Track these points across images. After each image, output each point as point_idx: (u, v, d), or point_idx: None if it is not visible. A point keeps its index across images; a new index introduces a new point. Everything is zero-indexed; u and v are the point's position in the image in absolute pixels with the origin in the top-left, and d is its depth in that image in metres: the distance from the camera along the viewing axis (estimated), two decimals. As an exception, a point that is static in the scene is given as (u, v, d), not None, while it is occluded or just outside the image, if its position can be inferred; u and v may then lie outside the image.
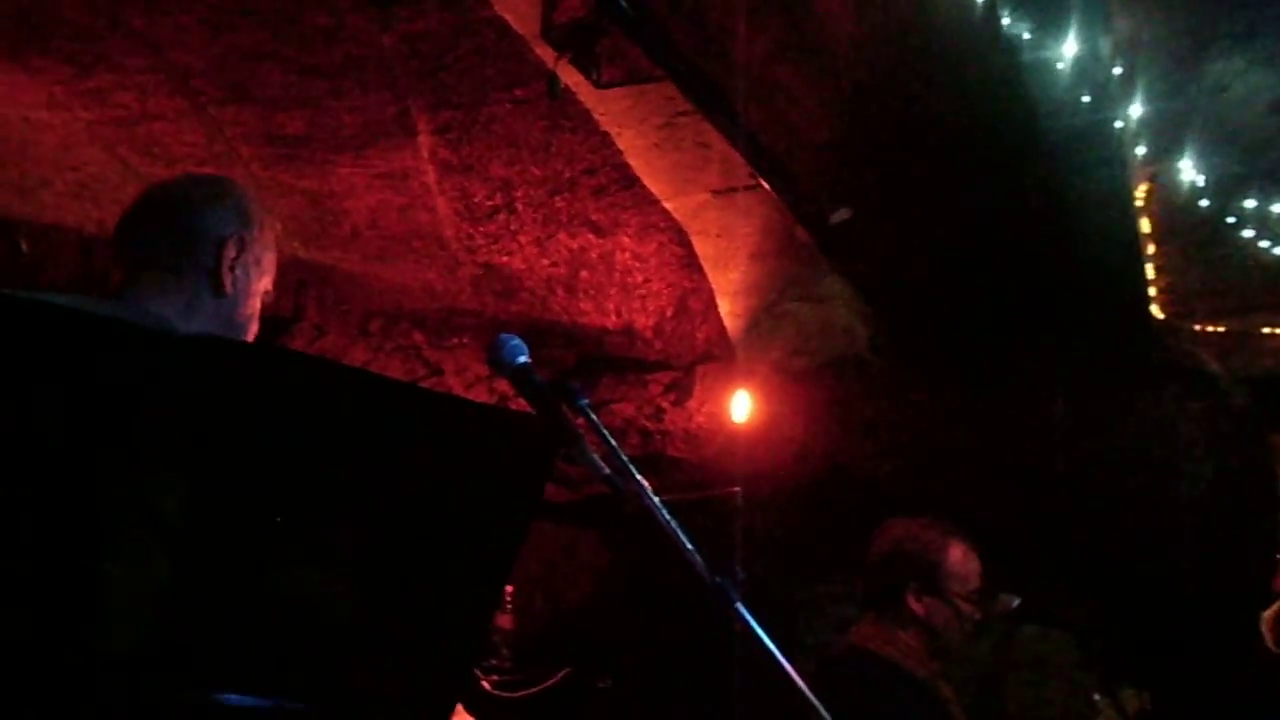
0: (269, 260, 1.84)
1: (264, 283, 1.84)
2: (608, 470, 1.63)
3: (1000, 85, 2.87)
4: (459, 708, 3.54)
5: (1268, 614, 4.73)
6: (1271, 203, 3.43)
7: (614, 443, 1.65)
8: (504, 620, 4.48)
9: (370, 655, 1.17)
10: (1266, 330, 4.05)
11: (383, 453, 1.05)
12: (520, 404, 1.68)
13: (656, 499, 1.63)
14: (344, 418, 1.02)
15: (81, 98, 3.70)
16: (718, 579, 1.59)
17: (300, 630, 1.12)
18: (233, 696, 1.13)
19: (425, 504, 1.08)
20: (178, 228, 1.73)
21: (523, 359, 1.74)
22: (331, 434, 1.03)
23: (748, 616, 1.57)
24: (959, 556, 2.80)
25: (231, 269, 1.74)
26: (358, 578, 1.12)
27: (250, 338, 1.84)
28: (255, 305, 1.82)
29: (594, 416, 1.67)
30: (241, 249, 1.75)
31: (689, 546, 1.60)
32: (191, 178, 1.90)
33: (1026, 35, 2.58)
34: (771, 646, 1.57)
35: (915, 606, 2.76)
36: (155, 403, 0.97)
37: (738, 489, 4.29)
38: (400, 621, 1.17)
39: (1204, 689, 4.08)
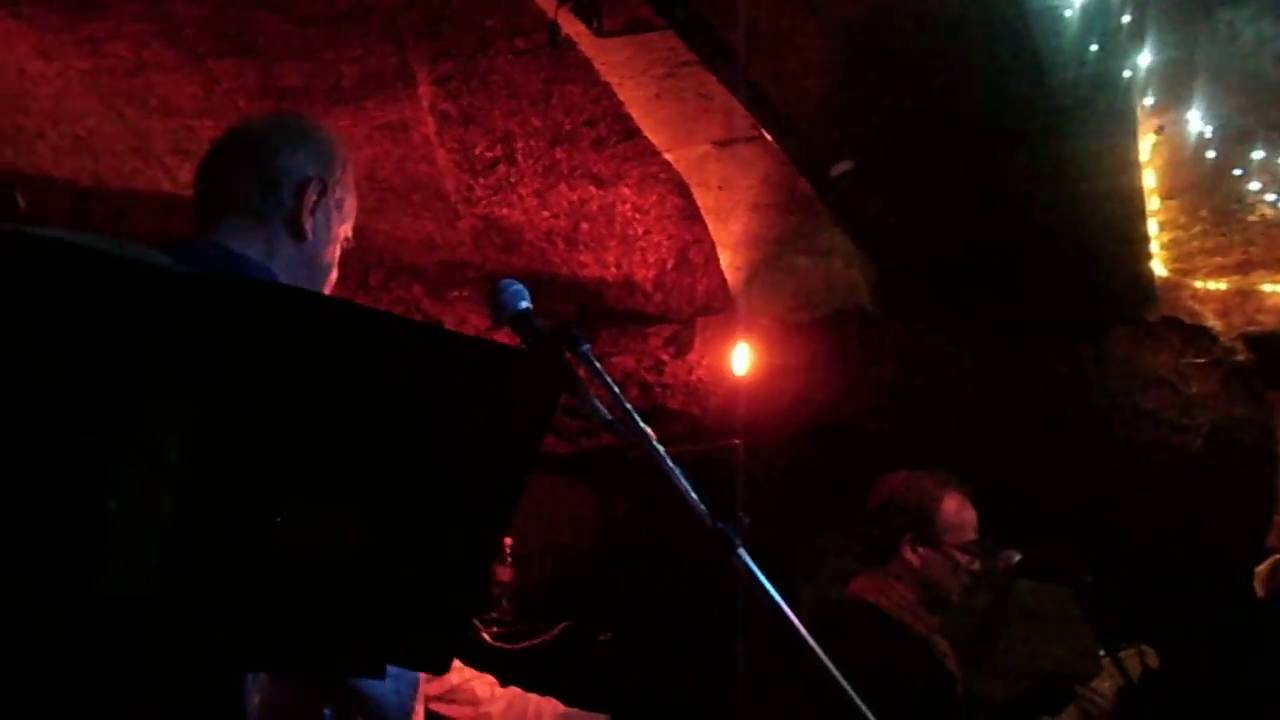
0: (350, 204, 1.81)
1: (345, 228, 1.80)
2: (610, 416, 1.63)
3: (1007, 33, 2.84)
4: (458, 662, 3.57)
5: (1261, 569, 4.77)
6: (1278, 155, 3.40)
7: (616, 389, 1.65)
8: (504, 573, 4.50)
9: (375, 596, 1.17)
10: (1267, 288, 4.03)
11: (388, 389, 1.04)
12: (522, 352, 1.68)
13: (659, 445, 1.63)
14: (349, 355, 1.01)
15: (75, 47, 3.66)
16: (719, 524, 1.60)
17: (305, 572, 1.12)
18: (237, 636, 1.14)
19: (430, 441, 1.07)
20: (258, 169, 1.69)
21: (524, 304, 1.74)
22: (337, 371, 1.02)
23: (749, 562, 1.58)
24: (954, 507, 2.80)
25: (312, 212, 1.70)
26: (362, 518, 1.12)
27: (330, 284, 1.82)
28: (336, 251, 1.79)
29: (596, 363, 1.67)
30: (323, 192, 1.72)
31: (691, 493, 1.61)
32: (277, 117, 1.87)
33: (1034, -18, 2.55)
34: (773, 591, 1.58)
35: (910, 558, 2.76)
36: (158, 340, 0.97)
37: (738, 441, 4.29)
38: (404, 562, 1.17)
39: (1199, 642, 4.11)
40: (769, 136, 3.54)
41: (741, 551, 1.57)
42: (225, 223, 1.66)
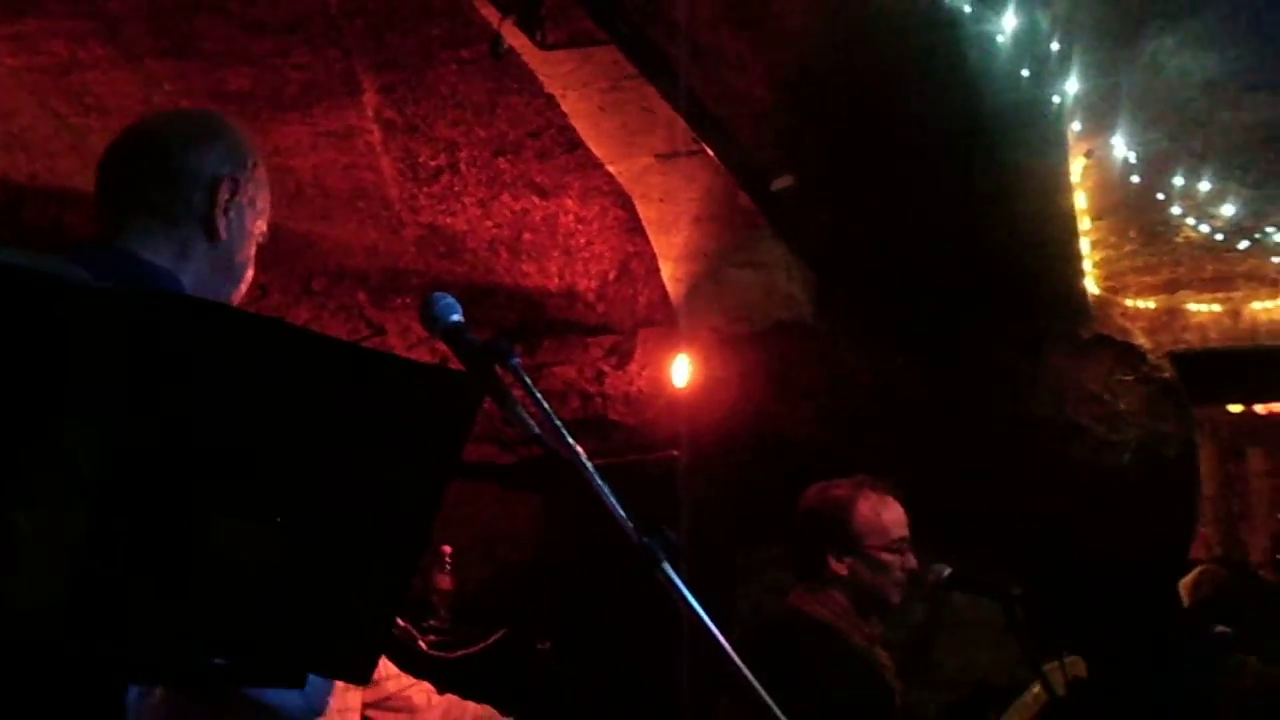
0: (264, 200, 1.75)
1: (260, 224, 1.74)
2: (537, 430, 1.64)
3: (943, 57, 2.90)
4: (394, 668, 3.56)
5: (1186, 580, 4.90)
6: (1199, 181, 3.51)
7: (545, 402, 1.66)
8: (442, 581, 4.49)
9: (296, 607, 1.18)
10: (1191, 307, 4.16)
11: (307, 404, 1.05)
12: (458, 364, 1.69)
13: (586, 459, 1.64)
14: (267, 369, 1.02)
15: (6, 43, 3.60)
16: (645, 539, 1.61)
17: (226, 584, 1.12)
18: (151, 651, 1.14)
19: (348, 454, 1.09)
20: (166, 170, 1.62)
21: (455, 317, 1.74)
22: (254, 385, 1.03)
23: (673, 577, 1.60)
24: (868, 510, 2.75)
25: (225, 212, 1.64)
26: (284, 530, 1.13)
27: (246, 283, 1.75)
28: (252, 248, 1.73)
29: (525, 376, 1.68)
30: (235, 190, 1.66)
31: (617, 508, 1.62)
32: (179, 114, 1.80)
33: (968, 8, 2.61)
34: (697, 606, 1.60)
35: (837, 568, 2.72)
36: (75, 355, 0.97)
37: (677, 453, 4.33)
38: (325, 573, 1.17)
39: (1124, 652, 4.21)
40: (710, 150, 3.59)
41: (666, 566, 1.58)
42: (133, 227, 1.59)
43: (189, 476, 1.07)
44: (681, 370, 4.25)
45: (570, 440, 1.63)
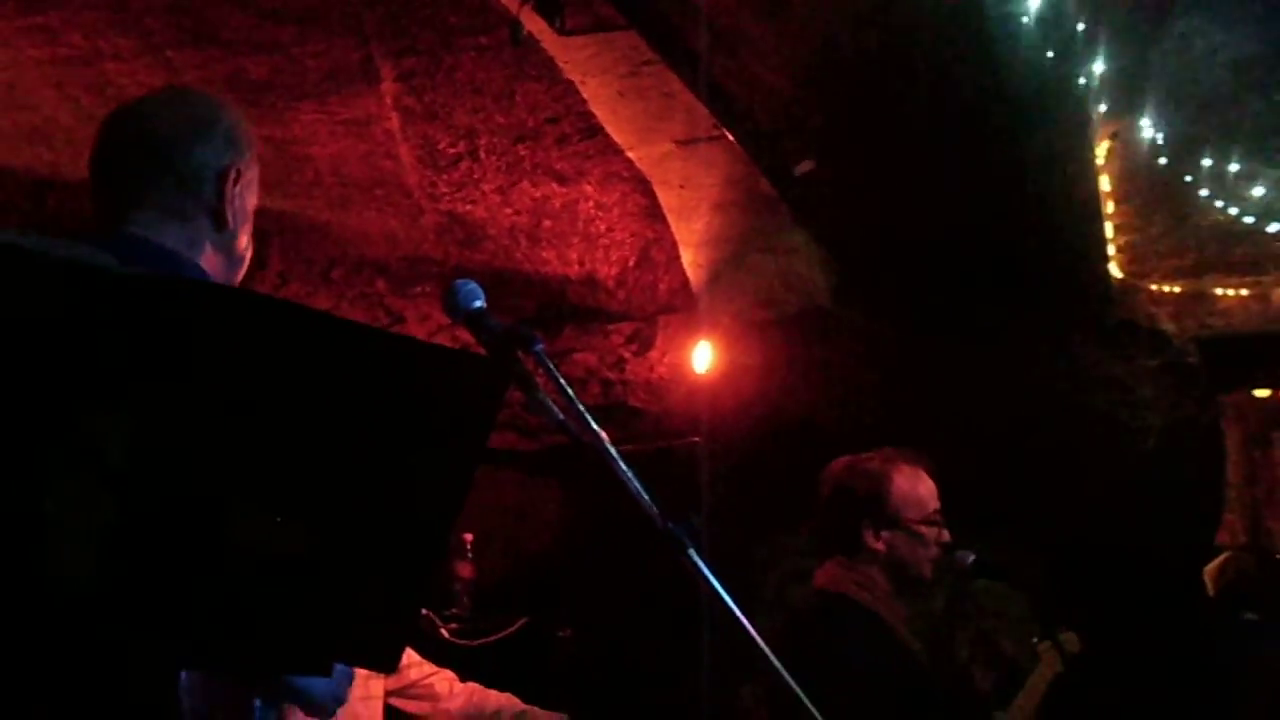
0: (255, 173, 1.73)
1: (254, 204, 1.74)
2: (561, 416, 1.63)
3: (966, 39, 2.87)
4: (416, 656, 3.57)
5: (1210, 567, 4.86)
6: (1227, 162, 3.46)
7: (569, 389, 1.65)
8: (464, 568, 4.50)
9: (321, 596, 1.18)
10: (1218, 291, 4.10)
11: (332, 392, 1.04)
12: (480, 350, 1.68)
13: (611, 446, 1.63)
14: (293, 357, 1.01)
15: (28, 34, 3.61)
16: (670, 525, 1.60)
17: (249, 572, 1.12)
18: (178, 640, 1.14)
19: (373, 442, 1.08)
20: (176, 170, 1.60)
21: (478, 303, 1.73)
22: (280, 374, 1.02)
23: (699, 562, 1.59)
24: (905, 482, 2.67)
25: (232, 202, 1.64)
26: (308, 519, 1.12)
27: (244, 266, 1.74)
28: (250, 232, 1.73)
29: (549, 363, 1.66)
30: (239, 179, 1.65)
31: (642, 494, 1.61)
32: (177, 101, 1.73)
33: (992, -12, 2.58)
34: (722, 592, 1.59)
35: (875, 544, 2.63)
36: (99, 342, 0.97)
37: (699, 439, 4.31)
38: (352, 561, 1.17)
39: (1147, 637, 4.18)
40: (730, 136, 3.57)
41: (691, 553, 1.57)
42: (144, 214, 1.57)
43: (215, 465, 1.07)
44: (702, 356, 4.23)
45: (595, 426, 1.62)
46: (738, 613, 1.61)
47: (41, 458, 0.97)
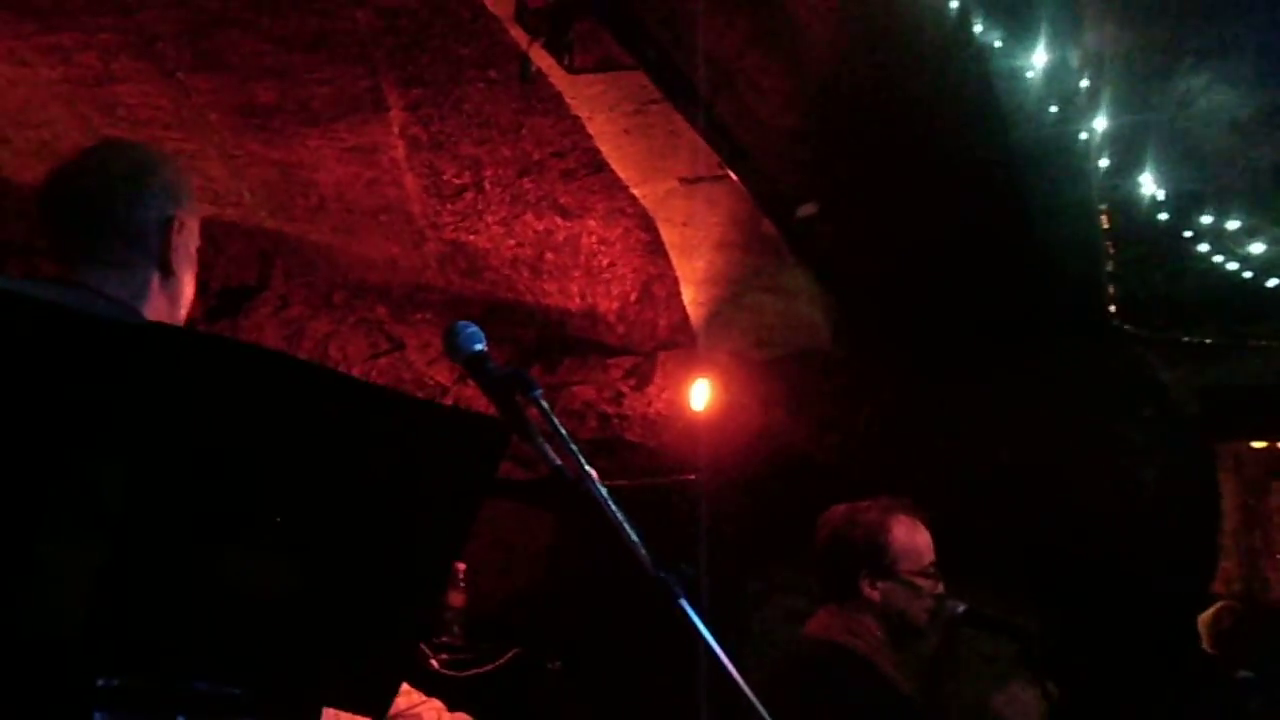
0: (197, 223, 1.79)
1: (196, 245, 1.78)
2: (559, 462, 1.64)
3: (971, 91, 2.90)
4: (405, 685, 3.55)
5: (1204, 616, 4.85)
6: (1227, 219, 3.49)
7: (565, 433, 1.65)
8: (455, 598, 4.48)
9: (313, 640, 1.18)
10: (1211, 342, 4.12)
11: (330, 445, 1.05)
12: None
13: (605, 491, 1.63)
14: (292, 411, 1.02)
15: (44, 55, 3.65)
16: (661, 573, 1.60)
17: (241, 616, 1.13)
18: (168, 680, 1.14)
19: (371, 496, 1.09)
20: (119, 226, 1.66)
21: (479, 346, 1.74)
22: (277, 426, 1.03)
23: (690, 612, 1.59)
24: (904, 533, 2.66)
25: (176, 250, 1.70)
26: (303, 565, 1.13)
27: (188, 306, 1.78)
28: (194, 272, 1.78)
29: (546, 407, 1.67)
30: (182, 227, 1.71)
31: (635, 540, 1.61)
32: (111, 154, 1.77)
33: (998, 43, 2.60)
34: (713, 643, 1.59)
35: (870, 593, 2.62)
36: (100, 389, 0.97)
37: (695, 476, 4.31)
38: (345, 608, 1.17)
39: (1140, 687, 4.17)
40: (734, 176, 3.59)
41: (683, 602, 1.57)
42: (92, 269, 1.63)
43: (211, 511, 1.07)
44: (700, 394, 4.24)
45: (590, 471, 1.63)
46: (727, 663, 1.60)
47: (38, 500, 0.98)
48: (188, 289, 1.76)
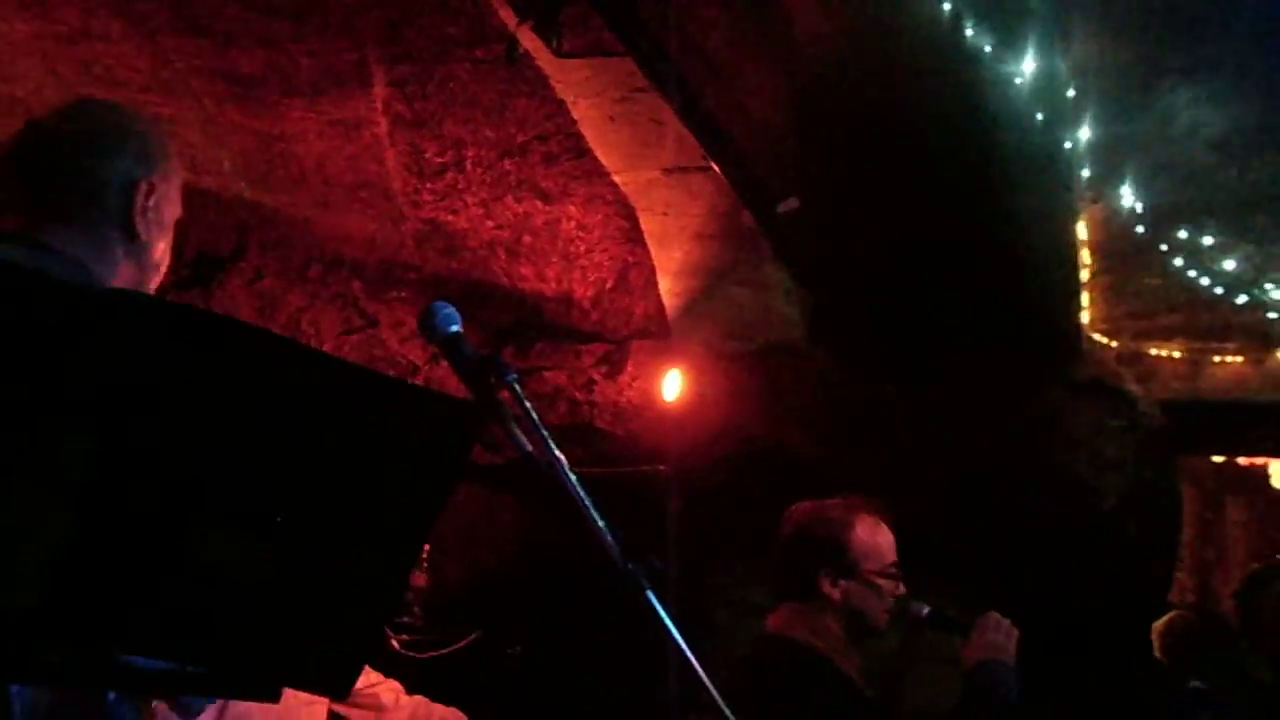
0: (177, 192, 1.75)
1: (174, 214, 1.74)
2: (530, 448, 1.63)
3: (958, 94, 2.90)
4: (365, 667, 3.54)
5: (1158, 624, 4.91)
6: (1203, 235, 3.52)
7: (539, 421, 1.64)
8: (418, 578, 4.46)
9: (277, 620, 1.17)
10: (1186, 356, 4.17)
11: (303, 422, 1.04)
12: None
13: (576, 480, 1.63)
14: (263, 385, 1.01)
15: (19, 8, 3.58)
16: (630, 565, 1.60)
17: (209, 592, 1.11)
18: (131, 657, 1.12)
19: (344, 475, 1.07)
20: (81, 179, 1.62)
21: (455, 328, 1.73)
22: (249, 400, 1.02)
23: (656, 605, 1.58)
24: (866, 533, 2.66)
25: (144, 214, 1.64)
26: (270, 543, 1.12)
27: (161, 273, 1.75)
28: (169, 241, 1.74)
29: (521, 393, 1.66)
30: (151, 192, 1.66)
31: (604, 530, 1.61)
32: (87, 112, 1.72)
33: (988, 48, 2.61)
34: (678, 637, 1.59)
35: (831, 592, 2.61)
36: (67, 357, 0.95)
37: (663, 467, 4.31)
38: (311, 588, 1.16)
39: (1096, 693, 4.22)
40: (717, 168, 3.58)
41: (650, 594, 1.57)
42: (54, 225, 1.58)
43: (178, 484, 1.06)
44: (672, 384, 4.23)
45: (562, 459, 1.62)
46: (690, 656, 1.61)
47: (2, 471, 0.96)
48: (158, 256, 1.71)
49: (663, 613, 1.58)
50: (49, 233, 1.59)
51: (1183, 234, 3.52)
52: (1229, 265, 3.72)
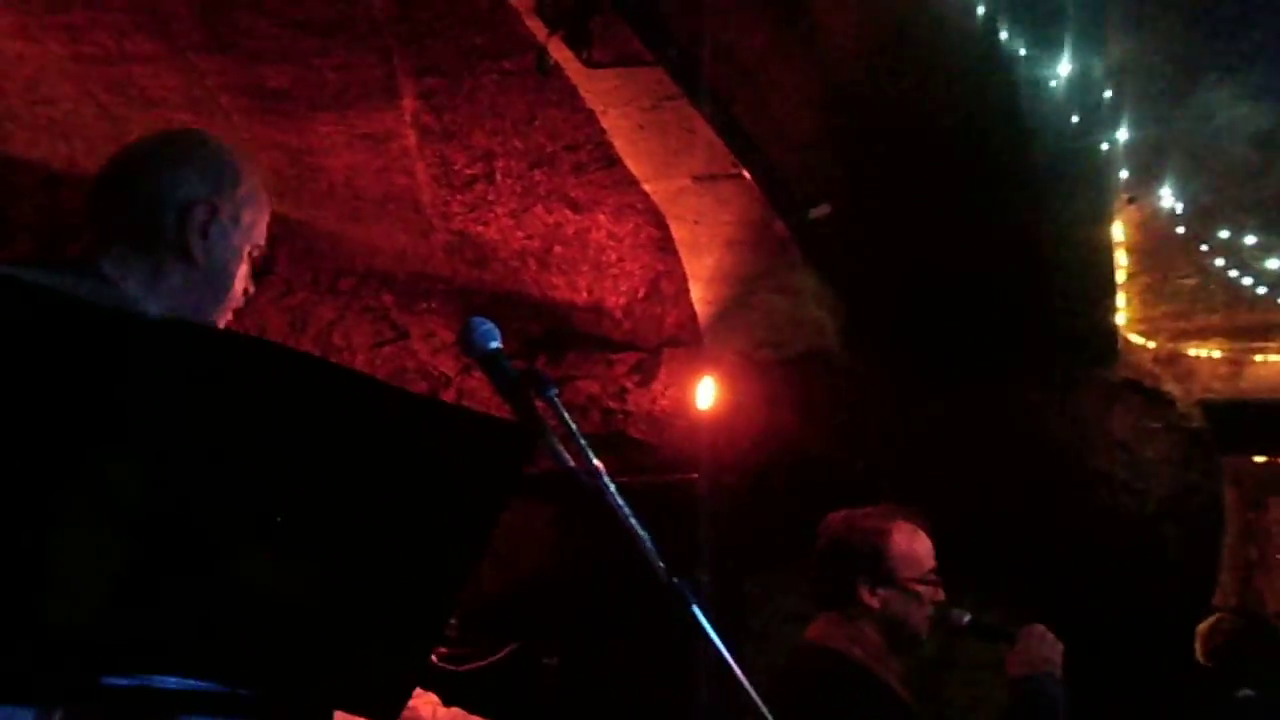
0: (252, 215, 1.70)
1: (250, 239, 1.70)
2: (572, 463, 1.62)
3: (993, 98, 2.87)
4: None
5: (1202, 627, 4.84)
6: (1244, 234, 3.47)
7: (579, 435, 1.63)
8: (454, 591, 4.45)
9: (327, 643, 1.16)
10: (1224, 356, 4.12)
11: (353, 449, 1.03)
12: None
13: (618, 494, 1.62)
14: (314, 413, 1.00)
15: (56, 32, 3.62)
16: (675, 579, 1.58)
17: (257, 617, 1.11)
18: (181, 680, 1.12)
19: (396, 501, 1.07)
20: (139, 197, 1.61)
21: (494, 344, 1.72)
22: (300, 426, 1.01)
23: (702, 620, 1.57)
24: (904, 540, 2.63)
25: (203, 235, 1.61)
26: (320, 567, 1.11)
27: (237, 301, 1.71)
28: (240, 268, 1.69)
29: (561, 407, 1.65)
30: (213, 213, 1.62)
31: (648, 545, 1.60)
32: (161, 137, 1.72)
33: (1023, 51, 2.58)
34: (724, 651, 1.57)
35: (870, 600, 2.59)
36: (119, 386, 0.95)
37: (696, 475, 4.29)
38: (361, 612, 1.16)
39: (1140, 697, 4.16)
40: (748, 175, 3.56)
41: (696, 609, 1.56)
42: (110, 253, 1.58)
43: (230, 511, 1.05)
44: (705, 392, 4.21)
45: (602, 471, 1.61)
46: (737, 670, 1.59)
47: (54, 501, 0.96)
48: (226, 283, 1.67)
49: (709, 628, 1.56)
50: (104, 255, 1.58)
51: (1224, 233, 3.46)
52: (1271, 264, 3.66)
